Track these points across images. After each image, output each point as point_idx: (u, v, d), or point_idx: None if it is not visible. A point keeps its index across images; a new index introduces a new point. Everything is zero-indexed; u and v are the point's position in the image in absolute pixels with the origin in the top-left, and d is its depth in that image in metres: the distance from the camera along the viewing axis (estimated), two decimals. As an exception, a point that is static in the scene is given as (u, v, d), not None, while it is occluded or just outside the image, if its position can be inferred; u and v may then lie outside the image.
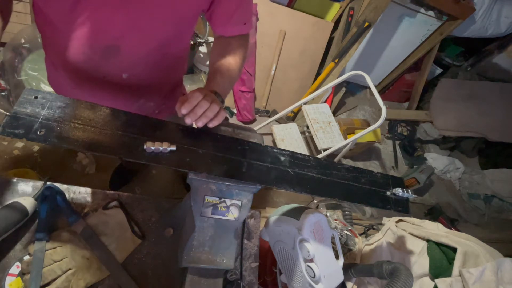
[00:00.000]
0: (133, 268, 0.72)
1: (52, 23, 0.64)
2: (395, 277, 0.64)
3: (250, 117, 2.33)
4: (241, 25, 0.75)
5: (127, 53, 0.68)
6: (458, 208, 2.67)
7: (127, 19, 0.61)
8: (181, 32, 0.72)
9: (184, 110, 0.55)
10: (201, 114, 0.56)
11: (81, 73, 0.72)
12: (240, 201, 0.62)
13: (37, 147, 1.64)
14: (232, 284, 0.76)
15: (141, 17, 0.62)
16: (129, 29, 0.63)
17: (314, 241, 0.69)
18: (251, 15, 0.77)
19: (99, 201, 0.77)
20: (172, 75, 0.86)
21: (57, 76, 0.80)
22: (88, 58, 0.67)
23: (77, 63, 0.69)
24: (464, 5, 2.18)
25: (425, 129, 2.90)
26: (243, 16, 0.74)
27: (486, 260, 0.72)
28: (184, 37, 0.76)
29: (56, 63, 0.76)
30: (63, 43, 0.66)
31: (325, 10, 2.25)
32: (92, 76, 0.72)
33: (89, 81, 0.74)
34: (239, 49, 0.77)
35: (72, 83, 0.76)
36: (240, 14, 0.72)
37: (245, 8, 0.72)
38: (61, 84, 0.82)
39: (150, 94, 0.85)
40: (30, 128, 0.47)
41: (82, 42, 0.64)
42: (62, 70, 0.75)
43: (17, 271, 0.63)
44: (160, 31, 0.67)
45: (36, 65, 1.61)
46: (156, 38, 0.68)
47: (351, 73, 1.83)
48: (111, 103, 0.79)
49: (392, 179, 0.70)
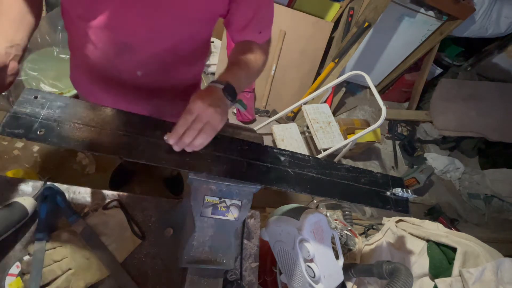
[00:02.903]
0: (133, 268, 0.72)
1: (73, 21, 0.67)
2: (395, 277, 0.64)
3: (250, 117, 2.33)
4: (256, 34, 0.74)
5: (140, 51, 0.69)
6: (458, 208, 2.67)
7: (140, 18, 0.63)
8: (195, 33, 0.73)
9: (171, 141, 0.54)
10: (189, 143, 0.54)
11: (97, 70, 0.74)
12: (240, 201, 0.62)
13: (37, 147, 1.64)
14: (232, 284, 0.76)
15: (154, 16, 0.63)
16: (142, 27, 0.64)
17: (314, 241, 0.69)
18: (269, 25, 0.76)
19: (99, 201, 0.77)
20: (186, 76, 0.86)
21: (77, 72, 0.84)
22: (103, 54, 0.69)
23: (93, 59, 0.71)
24: (464, 5, 2.18)
25: (425, 129, 2.90)
26: (259, 25, 0.73)
27: (486, 260, 0.72)
28: (199, 38, 0.76)
29: (76, 60, 0.80)
30: (81, 40, 0.69)
31: (325, 10, 2.25)
32: (107, 72, 0.75)
33: (105, 77, 0.76)
34: (259, 52, 0.76)
35: (89, 79, 0.79)
36: (256, 23, 0.72)
37: (262, 17, 0.72)
38: (79, 81, 0.86)
39: (165, 94, 0.85)
40: (30, 128, 0.47)
41: (98, 38, 0.66)
42: (81, 67, 0.79)
43: (17, 271, 0.63)
44: (173, 31, 0.68)
45: (36, 65, 1.61)
46: (169, 38, 0.69)
47: (351, 73, 1.83)
48: (126, 101, 0.82)
49: (392, 179, 0.70)
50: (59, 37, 1.71)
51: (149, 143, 0.54)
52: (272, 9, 0.74)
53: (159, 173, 1.75)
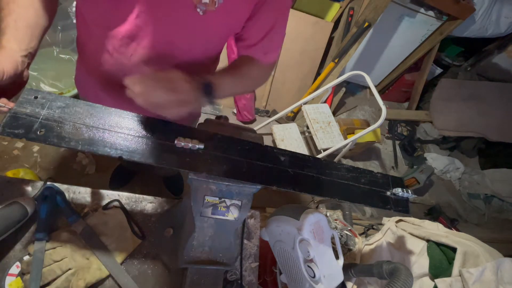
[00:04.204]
0: (133, 268, 0.72)
1: (88, 26, 0.66)
2: (395, 277, 0.64)
3: (250, 117, 2.33)
4: (261, 54, 0.75)
5: (156, 63, 0.68)
6: (458, 208, 2.67)
7: (161, 33, 0.63)
8: (210, 49, 0.74)
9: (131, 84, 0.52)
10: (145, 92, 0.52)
11: (109, 78, 0.73)
12: (240, 201, 0.62)
13: (37, 147, 1.64)
14: (232, 284, 0.76)
15: (175, 33, 0.63)
16: (161, 42, 0.64)
17: (314, 241, 0.69)
18: (277, 49, 0.77)
19: (99, 201, 0.77)
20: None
21: (84, 76, 0.82)
22: (119, 64, 0.68)
23: (107, 67, 0.70)
24: (464, 5, 2.18)
25: (425, 129, 2.90)
26: (266, 47, 0.74)
27: (486, 260, 0.72)
28: (213, 53, 0.77)
29: (85, 64, 0.79)
30: (94, 46, 0.68)
31: (325, 10, 2.25)
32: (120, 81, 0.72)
33: (116, 86, 0.74)
34: (260, 71, 0.77)
35: (98, 86, 0.77)
36: (265, 43, 0.72)
37: (271, 40, 0.72)
38: (85, 85, 0.84)
39: None
40: (30, 128, 0.47)
41: (114, 48, 0.65)
42: (91, 72, 0.77)
43: (17, 271, 0.63)
44: (191, 47, 0.68)
45: (36, 65, 1.61)
46: (186, 52, 0.69)
47: (351, 73, 1.83)
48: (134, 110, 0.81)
49: (392, 179, 0.70)
50: (59, 37, 1.71)
51: (149, 143, 0.54)
52: (283, 34, 0.75)
53: (159, 173, 1.75)
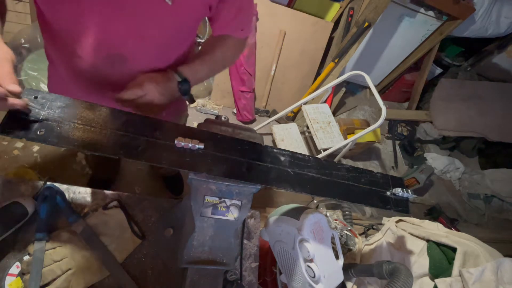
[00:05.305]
0: (133, 268, 0.72)
1: (56, 34, 0.64)
2: (395, 277, 0.64)
3: (250, 117, 2.33)
4: (238, 31, 0.78)
5: (130, 61, 0.68)
6: (458, 208, 2.67)
7: (128, 29, 0.62)
8: (182, 39, 0.74)
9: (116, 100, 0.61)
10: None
11: (86, 82, 0.72)
12: (240, 201, 0.62)
13: (37, 147, 1.64)
14: (232, 284, 0.76)
15: (142, 27, 0.63)
16: (130, 38, 0.64)
17: (314, 241, 0.69)
18: (250, 22, 0.80)
19: (99, 201, 0.77)
20: None
21: (61, 85, 0.79)
22: (92, 67, 0.68)
23: (81, 71, 0.69)
24: (464, 5, 2.19)
25: (425, 129, 2.90)
26: (241, 23, 0.76)
27: (486, 260, 0.72)
28: (185, 43, 0.77)
29: (59, 72, 0.76)
30: (64, 53, 0.67)
31: (325, 10, 2.25)
32: (97, 84, 0.73)
33: (95, 89, 0.74)
34: (232, 48, 0.80)
35: (76, 91, 0.76)
36: (238, 22, 0.75)
37: (243, 16, 0.75)
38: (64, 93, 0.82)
39: None
40: (30, 128, 0.47)
41: (85, 52, 0.65)
42: (66, 79, 0.75)
43: (17, 271, 0.63)
44: (162, 40, 0.68)
45: (36, 65, 1.61)
46: (158, 46, 0.69)
47: (351, 73, 1.83)
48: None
49: (392, 179, 0.70)
50: (59, 37, 1.70)
51: (149, 143, 0.54)
52: (252, 8, 0.78)
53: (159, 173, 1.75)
